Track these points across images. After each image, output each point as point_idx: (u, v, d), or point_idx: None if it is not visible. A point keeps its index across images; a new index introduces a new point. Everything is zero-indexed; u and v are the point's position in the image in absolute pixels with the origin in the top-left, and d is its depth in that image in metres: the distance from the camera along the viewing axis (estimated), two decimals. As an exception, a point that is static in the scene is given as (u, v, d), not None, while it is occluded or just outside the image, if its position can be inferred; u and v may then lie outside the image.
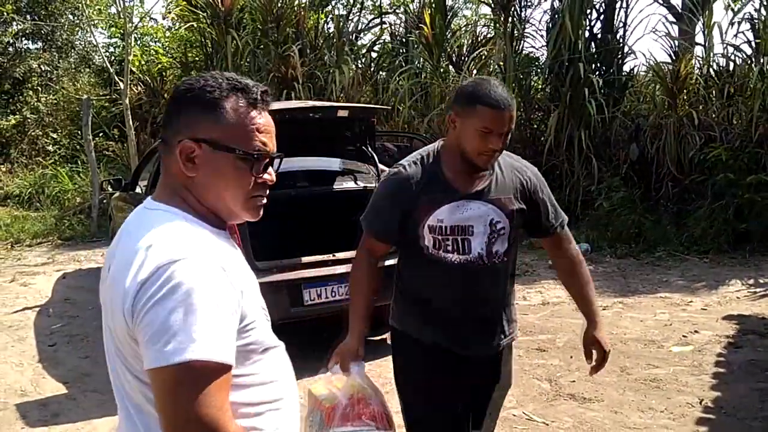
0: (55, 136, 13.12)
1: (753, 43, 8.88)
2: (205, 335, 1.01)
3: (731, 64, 8.97)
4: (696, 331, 4.95)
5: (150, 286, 1.04)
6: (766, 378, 4.04)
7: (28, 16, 14.56)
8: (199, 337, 1.00)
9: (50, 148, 12.90)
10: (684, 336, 4.87)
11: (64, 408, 3.89)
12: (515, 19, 10.10)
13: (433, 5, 10.83)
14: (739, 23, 9.12)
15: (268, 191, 1.27)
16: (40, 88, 13.96)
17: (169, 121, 1.21)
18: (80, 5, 13.42)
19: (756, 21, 8.84)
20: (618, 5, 9.68)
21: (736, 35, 11.86)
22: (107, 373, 1.22)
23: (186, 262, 1.05)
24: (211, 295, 1.05)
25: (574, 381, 4.10)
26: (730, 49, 9.10)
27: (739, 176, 7.44)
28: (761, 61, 8.41)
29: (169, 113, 1.22)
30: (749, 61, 8.85)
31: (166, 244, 1.09)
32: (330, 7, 12.70)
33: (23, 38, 14.73)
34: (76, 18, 15.03)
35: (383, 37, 12.92)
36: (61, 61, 14.82)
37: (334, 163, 4.96)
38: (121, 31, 12.62)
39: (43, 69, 14.28)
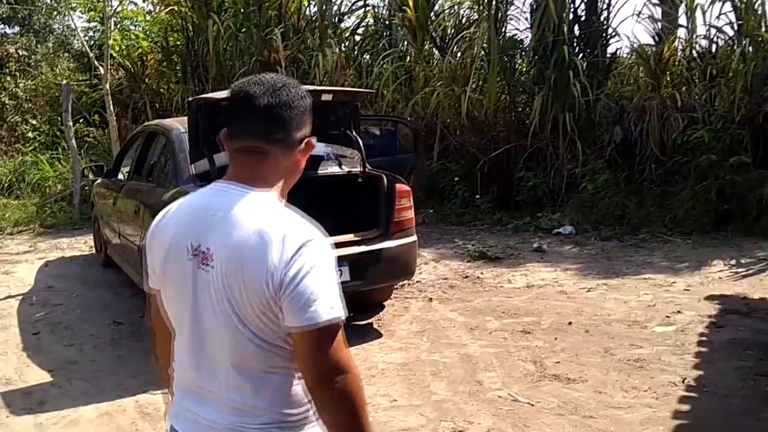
0: (34, 122, 12.91)
1: (735, 25, 8.92)
2: (338, 299, 1.29)
3: (714, 46, 9.02)
4: (679, 312, 5.00)
5: (296, 260, 1.27)
6: (747, 357, 4.09)
7: (3, 0, 14.28)
8: (336, 302, 1.28)
9: (30, 134, 12.70)
10: (667, 316, 4.92)
11: (50, 396, 3.86)
12: (499, 1, 10.06)
13: (416, -13, 10.75)
14: (722, 4, 9.17)
15: None
16: (18, 74, 13.71)
17: (288, 123, 1.41)
18: (58, -12, 13.19)
19: (738, 2, 8.88)
20: (602, -13, 9.67)
21: (718, 17, 11.91)
22: (92, 361, 1.23)
23: (318, 241, 1.32)
24: (334, 267, 1.33)
25: (558, 362, 4.14)
26: (713, 31, 9.15)
27: (722, 157, 7.50)
28: (743, 42, 8.45)
29: (281, 116, 1.40)
30: (731, 43, 8.89)
31: (297, 225, 1.33)
32: (313, -11, 12.55)
33: (0, 22, 14.46)
34: (53, 1, 14.77)
35: (366, 20, 12.81)
36: (39, 45, 14.57)
37: (318, 148, 4.93)
38: (101, 14, 12.42)
39: (20, 54, 14.02)
